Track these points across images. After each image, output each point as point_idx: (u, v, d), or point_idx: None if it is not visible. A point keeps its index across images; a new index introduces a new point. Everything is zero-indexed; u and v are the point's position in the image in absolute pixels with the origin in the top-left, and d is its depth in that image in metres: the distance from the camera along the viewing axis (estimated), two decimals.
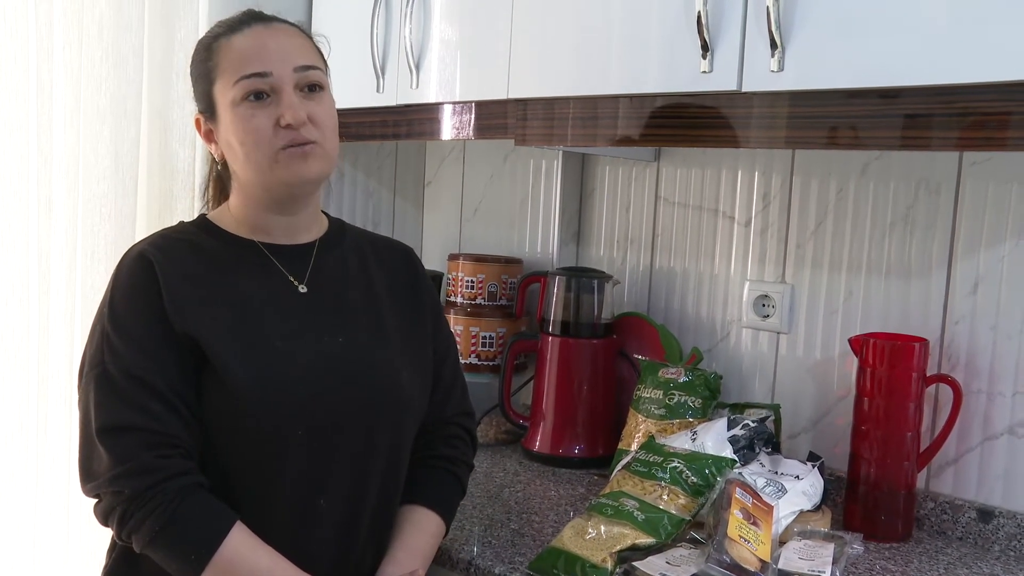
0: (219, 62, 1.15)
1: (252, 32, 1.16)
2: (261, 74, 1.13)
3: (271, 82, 1.13)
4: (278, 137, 1.13)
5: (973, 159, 1.47)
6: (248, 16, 1.18)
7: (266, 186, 1.17)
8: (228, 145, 1.17)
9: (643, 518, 1.26)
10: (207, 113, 1.19)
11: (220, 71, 1.15)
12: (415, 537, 1.22)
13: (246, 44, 1.15)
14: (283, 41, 1.16)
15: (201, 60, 1.19)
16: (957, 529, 1.46)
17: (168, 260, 1.12)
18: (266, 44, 1.15)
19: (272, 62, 1.13)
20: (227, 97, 1.14)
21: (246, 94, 1.13)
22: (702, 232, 1.81)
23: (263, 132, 1.13)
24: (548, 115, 1.52)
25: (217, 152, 1.21)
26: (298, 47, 1.17)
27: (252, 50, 1.14)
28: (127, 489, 1.03)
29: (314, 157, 1.15)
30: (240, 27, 1.16)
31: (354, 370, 1.17)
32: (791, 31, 1.19)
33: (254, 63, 1.13)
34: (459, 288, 1.99)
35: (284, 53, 1.15)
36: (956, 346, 1.48)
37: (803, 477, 1.41)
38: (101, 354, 1.08)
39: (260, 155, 1.13)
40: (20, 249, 1.62)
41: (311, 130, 1.14)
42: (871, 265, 1.58)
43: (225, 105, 1.15)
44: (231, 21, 1.18)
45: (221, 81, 1.15)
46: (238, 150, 1.15)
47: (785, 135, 1.25)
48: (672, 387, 1.63)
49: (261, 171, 1.15)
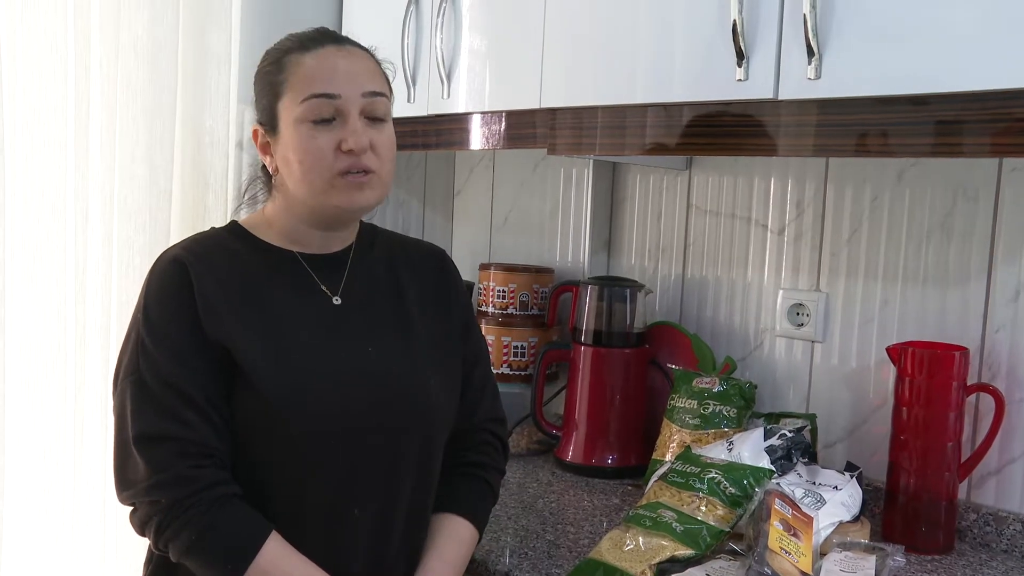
0: (288, 78, 1.14)
1: (325, 52, 1.15)
2: (330, 95, 1.12)
3: (338, 104, 1.12)
4: (338, 161, 1.12)
5: (1013, 165, 1.45)
6: (322, 35, 1.17)
7: (317, 207, 1.16)
8: (285, 161, 1.16)
9: (682, 529, 1.25)
10: (268, 126, 1.18)
11: (288, 87, 1.14)
12: (448, 546, 1.22)
13: (318, 63, 1.14)
14: (354, 64, 1.16)
15: (269, 72, 1.17)
16: (1002, 541, 1.44)
17: (202, 265, 1.13)
18: (338, 66, 1.14)
19: (342, 85, 1.13)
20: (292, 114, 1.13)
21: (311, 113, 1.12)
22: (735, 240, 1.79)
23: (324, 154, 1.12)
24: (578, 124, 1.52)
25: (272, 165, 1.20)
26: (368, 72, 1.17)
27: (323, 70, 1.13)
28: (164, 499, 1.04)
29: (370, 187, 1.15)
30: (313, 45, 1.15)
31: (384, 379, 1.17)
32: (828, 38, 1.17)
33: (324, 83, 1.12)
34: (490, 298, 1.98)
35: (354, 77, 1.14)
36: (997, 355, 1.46)
37: (841, 487, 1.39)
38: (136, 361, 1.09)
39: (317, 177, 1.13)
40: (57, 260, 1.64)
41: (371, 158, 1.14)
42: (907, 273, 1.56)
43: (288, 121, 1.14)
44: (304, 37, 1.17)
45: (288, 97, 1.14)
46: (296, 168, 1.14)
47: (814, 143, 1.24)
48: (706, 396, 1.62)
49: (315, 192, 1.14)
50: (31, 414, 1.64)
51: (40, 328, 1.64)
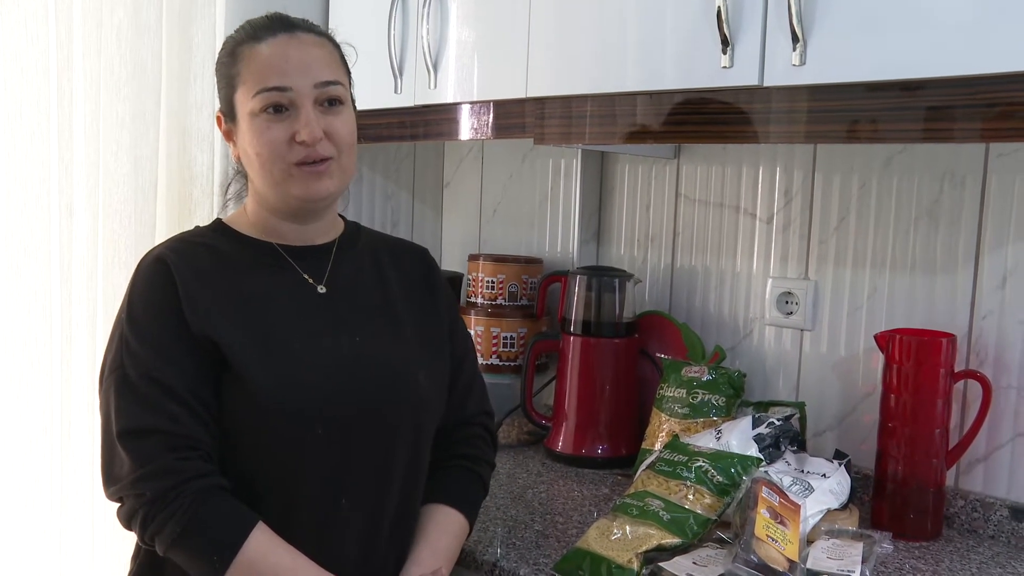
0: (241, 70, 1.15)
1: (276, 42, 1.14)
2: (280, 88, 1.12)
3: (290, 96, 1.13)
4: (292, 152, 1.13)
5: (999, 151, 1.44)
6: (274, 22, 1.17)
7: (280, 198, 1.17)
8: (245, 153, 1.18)
9: (669, 518, 1.25)
10: (228, 116, 1.20)
11: (242, 79, 1.15)
12: (438, 537, 1.21)
13: (269, 55, 1.13)
14: (307, 53, 1.15)
15: (225, 64, 1.18)
16: (989, 527, 1.44)
17: (185, 263, 1.12)
18: (289, 56, 1.14)
19: (292, 76, 1.13)
20: (246, 107, 1.14)
21: (264, 107, 1.13)
22: (723, 229, 1.79)
23: (278, 145, 1.13)
24: (566, 113, 1.51)
25: (234, 153, 1.21)
26: (322, 60, 1.16)
27: (274, 62, 1.13)
28: (148, 491, 1.03)
29: (328, 175, 1.16)
30: (265, 35, 1.15)
31: (372, 370, 1.16)
32: (812, 24, 1.17)
33: (274, 76, 1.12)
34: (479, 289, 1.98)
35: (306, 67, 1.14)
36: (984, 341, 1.46)
37: (830, 475, 1.39)
38: (120, 357, 1.08)
39: (274, 168, 1.14)
40: (42, 255, 1.63)
41: (327, 146, 1.14)
42: (895, 260, 1.56)
43: (244, 114, 1.15)
44: (257, 24, 1.17)
45: (242, 89, 1.15)
46: (254, 160, 1.16)
47: (805, 130, 1.24)
48: (695, 386, 1.62)
49: (275, 184, 1.15)
50: (17, 409, 1.63)
51: (25, 323, 1.63)
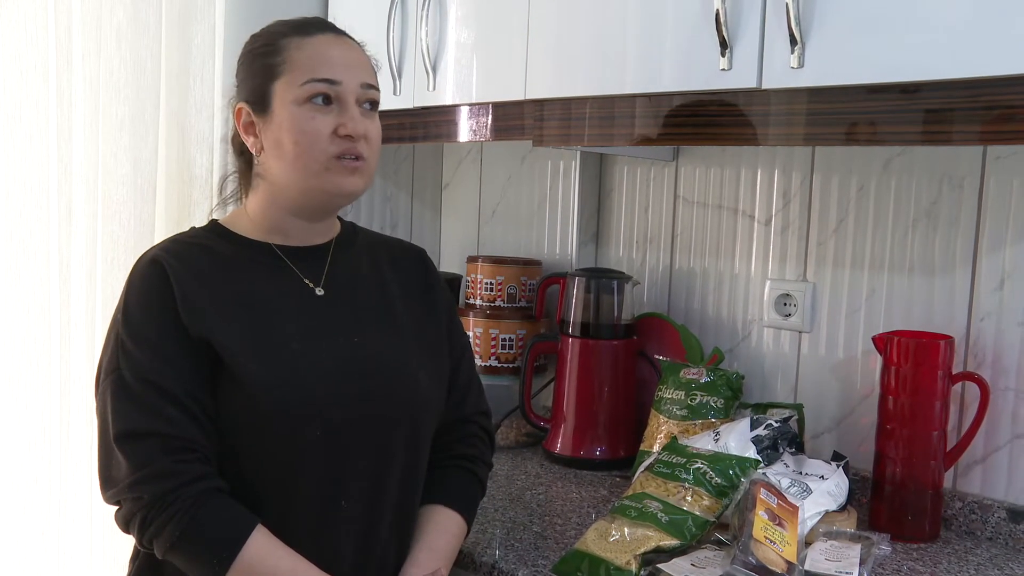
0: (288, 59, 1.15)
1: (325, 39, 1.17)
2: (331, 81, 1.14)
3: (339, 90, 1.14)
4: (333, 145, 1.14)
5: (997, 153, 1.45)
6: (319, 22, 1.20)
7: (305, 190, 1.16)
8: (276, 142, 1.15)
9: (667, 520, 1.25)
10: (257, 106, 1.17)
11: (287, 68, 1.14)
12: (437, 537, 1.21)
13: (320, 49, 1.15)
14: (353, 55, 1.18)
15: (263, 54, 1.17)
16: (987, 529, 1.44)
17: (181, 264, 1.12)
18: (339, 54, 1.16)
19: (343, 72, 1.14)
20: (289, 94, 1.14)
21: (312, 96, 1.13)
22: (722, 231, 1.79)
23: (320, 136, 1.13)
24: (565, 115, 1.52)
25: (256, 145, 1.18)
26: (364, 64, 1.19)
27: (325, 56, 1.15)
28: (146, 495, 1.03)
29: (360, 174, 1.17)
30: (313, 31, 1.17)
31: (371, 370, 1.17)
32: (811, 27, 1.17)
33: (326, 69, 1.14)
34: (478, 290, 1.98)
35: (353, 66, 1.16)
36: (982, 343, 1.46)
37: (828, 477, 1.39)
38: (116, 360, 1.08)
39: (311, 158, 1.14)
40: (41, 256, 1.63)
41: (364, 146, 1.16)
42: (894, 262, 1.56)
43: (284, 102, 1.14)
44: (300, 22, 1.19)
45: (286, 78, 1.14)
46: (289, 149, 1.14)
47: (804, 132, 1.24)
48: (694, 387, 1.62)
49: (307, 174, 1.14)
50: (15, 411, 1.63)
51: (24, 324, 1.63)
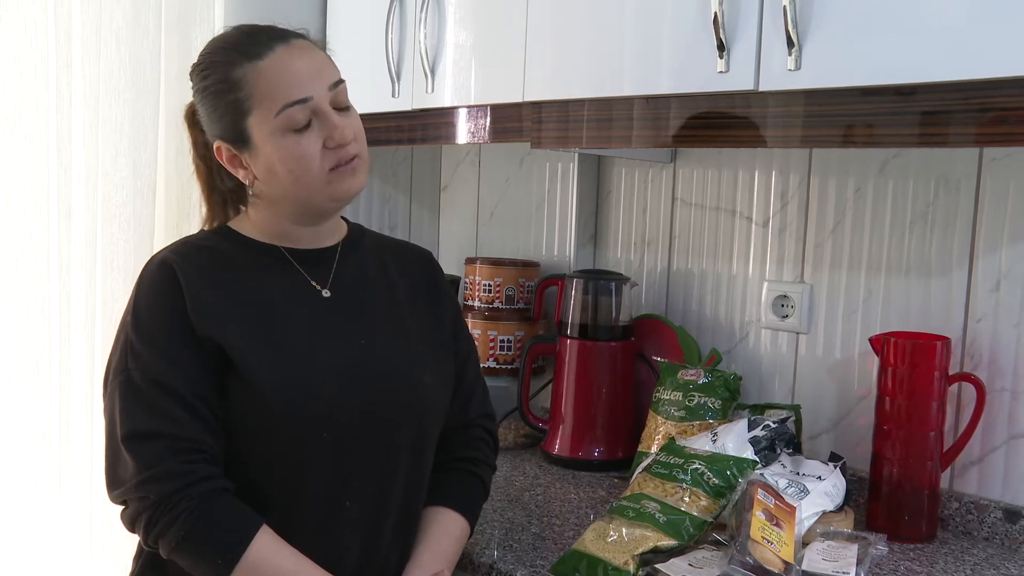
0: (252, 93, 1.11)
1: (277, 56, 1.11)
2: (304, 100, 1.11)
3: (313, 105, 1.11)
4: (326, 159, 1.13)
5: (993, 155, 1.45)
6: (265, 36, 1.13)
7: (313, 203, 1.17)
8: (270, 172, 1.14)
9: (665, 520, 1.26)
10: (237, 143, 1.14)
11: (255, 102, 1.11)
12: (440, 539, 1.22)
13: (278, 69, 1.11)
14: (310, 60, 1.14)
15: (221, 92, 1.13)
16: (983, 529, 1.45)
17: (191, 266, 1.13)
18: (297, 67, 1.12)
19: (309, 85, 1.11)
20: (266, 127, 1.11)
21: (292, 125, 1.11)
22: (720, 233, 1.80)
23: (312, 157, 1.12)
24: (563, 117, 1.52)
25: (248, 176, 1.17)
26: (324, 63, 1.15)
27: (288, 75, 1.11)
28: (153, 495, 1.04)
29: (359, 171, 1.17)
30: (261, 51, 1.11)
31: (377, 372, 1.17)
32: (808, 29, 1.18)
33: (295, 89, 1.10)
34: (476, 292, 1.98)
35: (316, 73, 1.13)
36: (979, 344, 1.47)
37: (825, 478, 1.40)
38: (125, 361, 1.09)
39: (310, 178, 1.13)
40: (40, 258, 1.64)
41: (354, 145, 1.16)
42: (890, 264, 1.57)
43: (264, 135, 1.12)
44: (241, 45, 1.13)
45: (258, 113, 1.11)
46: (284, 176, 1.13)
47: (801, 134, 1.25)
48: (692, 389, 1.62)
49: (310, 192, 1.14)
50: (15, 412, 1.63)
51: (24, 326, 1.63)
